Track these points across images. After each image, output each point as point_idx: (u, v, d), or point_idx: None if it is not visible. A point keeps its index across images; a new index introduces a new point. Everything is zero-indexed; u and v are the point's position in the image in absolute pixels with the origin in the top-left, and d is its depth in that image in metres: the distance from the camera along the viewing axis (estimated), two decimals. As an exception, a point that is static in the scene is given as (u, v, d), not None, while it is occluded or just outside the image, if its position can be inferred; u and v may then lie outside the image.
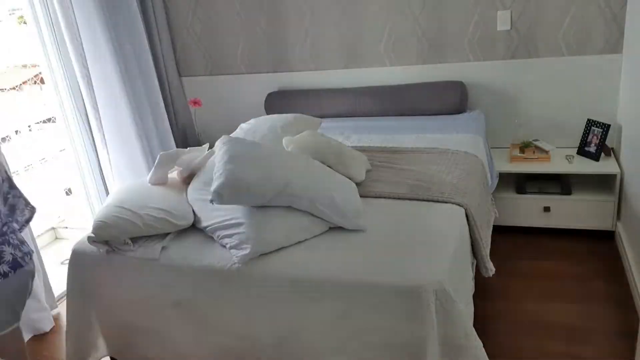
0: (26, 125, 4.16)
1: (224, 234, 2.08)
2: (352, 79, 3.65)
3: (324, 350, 1.92)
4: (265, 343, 2.01)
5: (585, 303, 2.55)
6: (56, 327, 2.93)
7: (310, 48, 3.69)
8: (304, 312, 1.91)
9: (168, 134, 3.87)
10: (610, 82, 3.13)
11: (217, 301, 2.05)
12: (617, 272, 2.77)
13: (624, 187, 2.90)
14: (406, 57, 3.49)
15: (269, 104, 3.78)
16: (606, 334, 2.34)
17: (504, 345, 2.35)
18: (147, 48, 3.66)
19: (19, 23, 3.95)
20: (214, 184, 2.03)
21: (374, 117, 3.53)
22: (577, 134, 3.26)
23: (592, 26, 3.07)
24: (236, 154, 2.15)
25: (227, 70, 3.97)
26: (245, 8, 3.74)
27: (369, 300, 1.79)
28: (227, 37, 3.87)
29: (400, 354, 1.80)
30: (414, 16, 3.38)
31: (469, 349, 1.79)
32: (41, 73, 3.41)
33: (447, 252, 1.92)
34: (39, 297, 2.85)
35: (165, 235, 2.23)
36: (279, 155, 2.25)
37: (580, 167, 3.06)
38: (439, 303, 1.74)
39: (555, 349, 2.29)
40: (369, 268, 1.85)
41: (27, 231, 2.85)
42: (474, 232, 2.25)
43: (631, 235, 2.71)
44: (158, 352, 2.27)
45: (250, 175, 2.04)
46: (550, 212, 3.10)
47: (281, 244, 2.03)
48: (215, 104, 4.09)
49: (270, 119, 2.95)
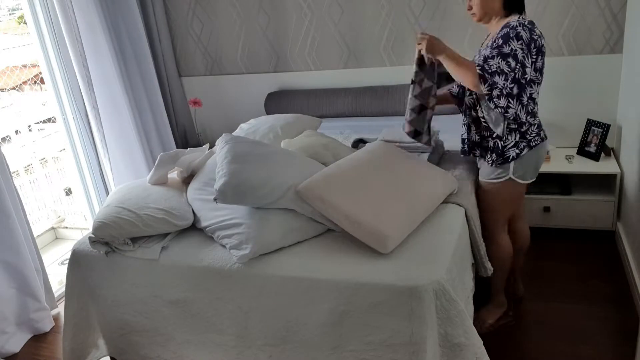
0: (26, 125, 4.16)
1: (223, 234, 2.08)
2: (352, 79, 3.66)
3: (323, 350, 1.92)
4: (265, 343, 2.01)
5: (585, 303, 2.55)
6: (56, 327, 2.93)
7: (310, 48, 3.69)
8: (303, 311, 1.91)
9: (168, 134, 3.87)
10: (610, 82, 3.13)
11: (217, 301, 2.05)
12: (617, 272, 2.77)
13: (624, 187, 2.90)
14: (406, 57, 3.50)
15: (269, 104, 3.78)
16: (606, 334, 2.34)
17: (504, 344, 2.35)
18: (147, 48, 3.66)
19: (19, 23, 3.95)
20: (218, 182, 2.03)
21: (374, 117, 3.53)
22: (577, 134, 3.26)
23: (592, 26, 3.07)
24: (239, 153, 2.15)
25: (227, 70, 3.98)
26: (245, 8, 3.74)
27: (369, 300, 1.79)
28: (227, 37, 3.87)
29: (400, 353, 1.79)
30: (414, 16, 3.38)
31: (469, 348, 1.79)
32: (41, 73, 3.41)
33: (447, 251, 1.91)
34: (39, 297, 2.85)
35: (165, 236, 2.23)
36: (280, 155, 2.25)
37: (580, 167, 3.06)
38: (439, 303, 1.74)
39: (555, 349, 2.29)
40: (369, 268, 1.85)
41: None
42: (473, 233, 2.25)
43: (631, 235, 2.72)
44: (158, 352, 2.27)
45: (253, 176, 2.04)
46: (550, 212, 3.10)
47: (281, 244, 2.03)
48: (215, 104, 4.09)
49: (270, 119, 2.95)
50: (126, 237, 2.18)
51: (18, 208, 2.79)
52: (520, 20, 2.04)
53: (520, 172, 2.19)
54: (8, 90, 4.11)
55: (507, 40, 1.98)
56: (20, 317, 2.80)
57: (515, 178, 2.20)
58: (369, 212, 1.95)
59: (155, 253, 2.14)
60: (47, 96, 3.75)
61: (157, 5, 3.80)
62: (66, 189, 4.33)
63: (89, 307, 2.35)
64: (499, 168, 2.20)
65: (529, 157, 2.15)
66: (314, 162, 2.32)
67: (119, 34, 3.50)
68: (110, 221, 2.15)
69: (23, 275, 2.77)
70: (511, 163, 2.17)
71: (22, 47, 3.97)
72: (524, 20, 2.04)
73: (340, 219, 1.98)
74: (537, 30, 2.05)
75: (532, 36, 2.01)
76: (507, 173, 2.19)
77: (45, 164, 4.32)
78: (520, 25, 2.00)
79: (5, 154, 2.75)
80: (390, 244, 1.89)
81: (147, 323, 2.24)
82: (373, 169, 2.19)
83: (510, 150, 2.14)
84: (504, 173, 2.20)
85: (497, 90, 1.97)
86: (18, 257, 2.73)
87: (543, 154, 2.22)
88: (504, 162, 2.17)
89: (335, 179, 2.09)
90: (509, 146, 2.14)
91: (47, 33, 3.26)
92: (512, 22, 2.04)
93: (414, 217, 2.03)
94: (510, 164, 2.17)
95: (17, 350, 2.74)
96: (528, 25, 2.02)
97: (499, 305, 2.50)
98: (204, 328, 2.11)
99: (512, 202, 2.30)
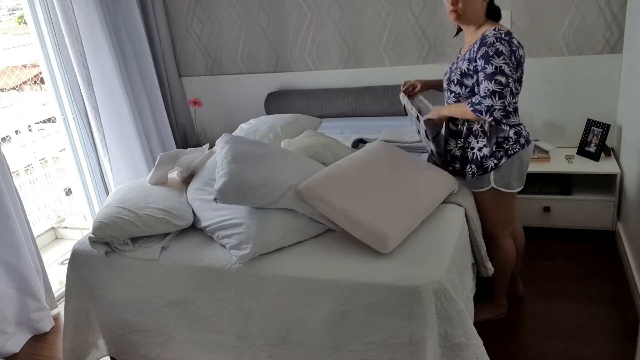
0: (26, 125, 4.16)
1: (223, 234, 2.08)
2: (352, 79, 3.66)
3: (323, 350, 1.92)
4: (265, 343, 2.02)
5: (585, 303, 2.55)
6: (56, 327, 2.92)
7: (310, 48, 3.69)
8: (303, 311, 1.91)
9: (168, 134, 3.87)
10: (610, 82, 3.13)
11: (217, 301, 2.05)
12: (617, 272, 2.77)
13: (624, 187, 2.90)
14: (406, 57, 3.50)
15: (269, 104, 3.78)
16: (606, 334, 2.34)
17: (504, 344, 2.35)
18: (147, 48, 3.66)
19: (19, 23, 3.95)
20: (218, 182, 2.03)
21: (374, 117, 3.53)
22: (577, 134, 3.26)
23: (592, 26, 3.07)
24: (239, 153, 2.15)
25: (227, 70, 3.98)
26: (245, 8, 3.74)
27: (369, 300, 1.79)
28: (227, 37, 3.87)
29: (400, 353, 1.80)
30: (414, 16, 3.38)
31: (469, 348, 1.79)
32: (41, 73, 3.41)
33: (447, 251, 1.91)
34: (39, 297, 2.85)
35: (165, 236, 2.23)
36: (280, 155, 2.25)
37: (580, 167, 3.06)
38: (439, 303, 1.74)
39: (556, 349, 2.29)
40: (369, 268, 1.85)
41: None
42: (473, 233, 2.25)
43: (631, 235, 2.72)
44: (158, 352, 2.28)
45: (253, 176, 2.04)
46: (550, 212, 3.10)
47: (281, 244, 2.03)
48: (215, 104, 4.09)
49: (270, 119, 2.95)
50: (126, 237, 2.18)
51: (18, 208, 2.79)
52: (496, 33, 2.01)
53: (502, 181, 2.19)
54: (8, 90, 4.11)
55: (488, 60, 1.97)
56: (20, 317, 2.80)
57: (499, 187, 2.20)
58: (369, 212, 1.95)
59: (155, 253, 2.14)
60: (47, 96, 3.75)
61: (157, 5, 3.80)
62: (66, 189, 4.33)
63: (89, 307, 2.35)
64: (479, 179, 2.22)
65: (509, 165, 2.16)
66: (314, 162, 2.32)
67: (119, 33, 3.50)
68: (110, 221, 2.16)
69: (23, 275, 2.77)
70: (491, 173, 2.18)
71: (22, 47, 3.97)
72: (501, 33, 2.01)
73: (340, 219, 1.98)
74: (515, 41, 2.05)
75: (511, 48, 2.00)
76: (489, 183, 2.20)
77: (45, 164, 4.32)
78: (497, 39, 1.98)
79: (5, 154, 2.75)
80: (391, 244, 1.89)
81: (147, 323, 2.24)
82: (373, 169, 2.19)
83: (489, 161, 2.16)
84: (485, 183, 2.22)
85: (501, 112, 1.96)
86: (18, 257, 2.73)
87: (525, 161, 2.21)
88: (483, 172, 2.19)
89: (336, 179, 2.09)
90: (487, 156, 2.15)
91: (47, 33, 3.25)
92: (487, 34, 2.01)
93: (414, 217, 2.03)
94: (490, 174, 2.18)
95: (17, 350, 2.74)
96: (505, 37, 2.00)
97: (499, 307, 2.50)
98: (204, 328, 2.11)
99: (504, 208, 2.30)
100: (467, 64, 2.08)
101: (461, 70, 2.11)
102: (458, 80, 2.13)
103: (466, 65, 2.09)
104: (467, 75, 2.09)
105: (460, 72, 2.11)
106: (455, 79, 2.15)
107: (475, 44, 2.05)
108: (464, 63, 2.10)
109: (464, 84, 2.11)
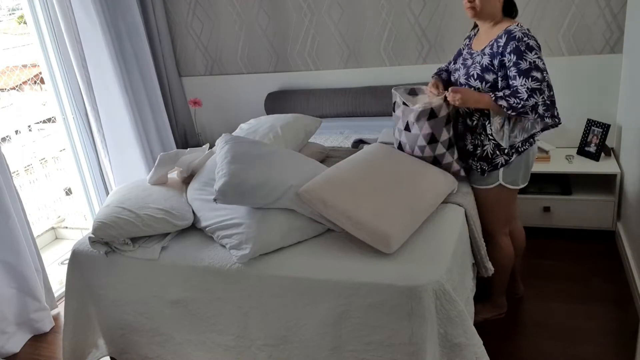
0: (26, 125, 4.16)
1: (223, 234, 2.08)
2: (352, 79, 3.65)
3: (323, 350, 1.92)
4: (265, 343, 2.02)
5: (585, 303, 2.55)
6: (56, 327, 2.93)
7: (310, 48, 3.69)
8: (303, 311, 1.91)
9: (168, 134, 3.87)
10: (610, 82, 3.13)
11: (216, 301, 2.05)
12: (617, 272, 2.77)
13: (624, 187, 2.90)
14: (406, 57, 3.50)
15: (269, 104, 3.78)
16: (606, 334, 2.34)
17: (504, 344, 2.35)
18: (147, 48, 3.66)
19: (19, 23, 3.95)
20: (218, 182, 2.03)
21: (374, 117, 3.53)
22: (577, 134, 3.26)
23: (592, 26, 3.07)
24: (239, 153, 2.15)
25: (227, 70, 3.98)
26: (245, 8, 3.74)
27: (368, 300, 1.79)
28: (227, 37, 3.87)
29: (400, 353, 1.80)
30: (414, 16, 3.38)
31: (469, 348, 1.79)
32: (41, 73, 3.41)
33: (447, 251, 1.91)
34: (39, 297, 2.85)
35: (165, 236, 2.23)
36: (280, 155, 2.25)
37: (580, 167, 3.06)
38: (439, 302, 1.74)
39: (556, 349, 2.29)
40: (369, 268, 1.85)
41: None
42: (473, 233, 2.25)
43: (631, 235, 2.72)
44: (158, 352, 2.28)
45: (253, 176, 2.04)
46: (550, 212, 3.10)
47: (281, 244, 2.03)
48: (215, 104, 4.09)
49: (270, 119, 2.95)
50: (126, 237, 2.18)
51: (18, 208, 2.79)
52: (521, 28, 2.04)
53: (510, 177, 2.21)
54: (8, 90, 4.11)
55: (521, 56, 1.98)
56: (20, 317, 2.80)
57: (506, 184, 2.22)
58: (371, 212, 1.95)
59: (155, 253, 2.14)
60: (47, 96, 3.75)
61: (157, 5, 3.80)
62: (66, 189, 4.33)
63: (89, 307, 2.35)
64: (489, 175, 2.22)
65: (518, 162, 2.18)
66: (314, 162, 2.32)
67: (119, 34, 3.50)
68: (110, 221, 2.15)
69: (23, 275, 2.77)
70: (500, 170, 2.19)
71: (22, 47, 3.97)
72: (525, 29, 2.04)
73: (342, 220, 1.98)
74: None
75: (537, 42, 2.03)
76: (497, 180, 2.22)
77: (45, 164, 4.32)
78: (524, 35, 2.00)
79: (5, 154, 2.75)
80: (394, 244, 1.89)
81: (147, 323, 2.24)
82: (373, 170, 2.19)
83: (499, 158, 2.17)
84: (493, 180, 2.22)
85: (543, 107, 1.97)
86: (18, 257, 2.73)
87: (532, 158, 2.24)
88: (493, 169, 2.20)
89: (336, 181, 2.08)
90: (498, 153, 2.16)
91: (47, 33, 3.26)
92: (513, 30, 2.03)
93: (416, 217, 2.03)
94: (499, 171, 2.20)
95: (17, 350, 2.74)
96: (530, 33, 2.03)
97: (498, 306, 2.50)
98: (204, 328, 2.11)
99: (505, 205, 2.31)
100: (489, 59, 2.08)
101: (482, 65, 2.10)
102: (478, 75, 2.12)
103: (487, 60, 2.09)
104: (488, 70, 2.09)
105: (481, 67, 2.11)
106: (475, 74, 2.13)
107: (500, 39, 2.05)
108: (484, 58, 2.10)
109: (484, 79, 2.11)
